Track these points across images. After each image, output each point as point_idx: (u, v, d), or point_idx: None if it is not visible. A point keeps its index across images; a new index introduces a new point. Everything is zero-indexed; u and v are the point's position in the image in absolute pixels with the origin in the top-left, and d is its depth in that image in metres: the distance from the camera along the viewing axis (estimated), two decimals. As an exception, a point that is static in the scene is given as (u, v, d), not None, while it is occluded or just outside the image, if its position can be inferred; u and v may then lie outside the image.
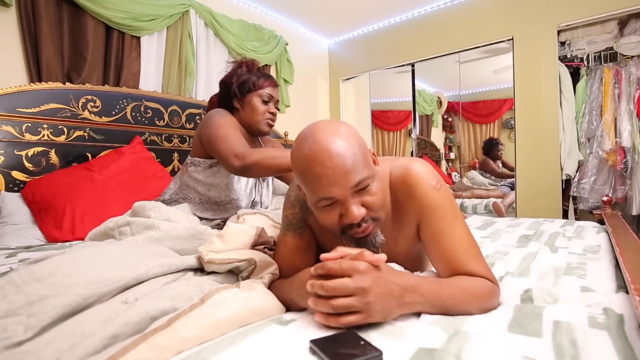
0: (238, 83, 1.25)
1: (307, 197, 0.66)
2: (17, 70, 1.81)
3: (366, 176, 0.62)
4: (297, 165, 0.63)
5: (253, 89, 1.25)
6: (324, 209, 0.63)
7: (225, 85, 1.28)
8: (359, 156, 0.61)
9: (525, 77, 2.70)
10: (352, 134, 0.63)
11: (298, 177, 0.64)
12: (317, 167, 0.59)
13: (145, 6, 2.17)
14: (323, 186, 0.60)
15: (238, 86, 1.25)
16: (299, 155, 0.62)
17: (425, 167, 0.72)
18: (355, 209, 0.61)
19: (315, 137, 0.61)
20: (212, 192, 1.24)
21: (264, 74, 1.31)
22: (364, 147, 0.64)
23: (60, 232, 1.49)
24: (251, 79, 1.25)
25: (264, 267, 0.76)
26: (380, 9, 3.14)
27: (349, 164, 0.59)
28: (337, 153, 0.59)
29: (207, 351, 0.49)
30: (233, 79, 1.26)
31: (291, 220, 0.78)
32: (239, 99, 1.27)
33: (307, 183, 0.62)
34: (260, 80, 1.27)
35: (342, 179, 0.59)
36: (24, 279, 0.54)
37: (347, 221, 0.62)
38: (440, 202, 0.69)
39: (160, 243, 0.81)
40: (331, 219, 0.64)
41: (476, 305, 0.62)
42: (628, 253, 0.91)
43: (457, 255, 0.66)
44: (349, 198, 0.61)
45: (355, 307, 0.53)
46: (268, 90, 1.27)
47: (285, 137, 3.12)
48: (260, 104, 1.26)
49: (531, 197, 2.69)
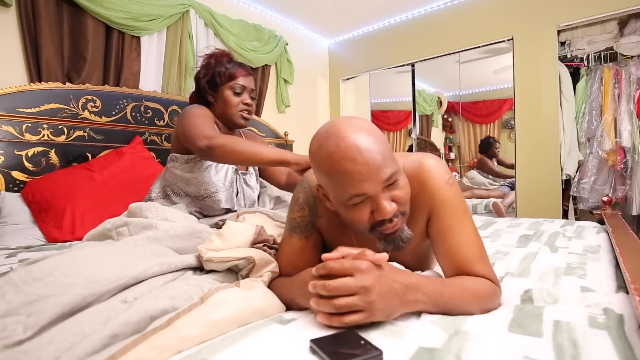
0: (208, 77, 1.23)
1: (333, 196, 0.64)
2: (17, 70, 1.81)
3: (395, 170, 0.61)
4: (322, 164, 0.61)
5: (224, 81, 1.23)
6: (354, 207, 0.62)
7: (198, 81, 1.27)
8: (387, 150, 0.61)
9: (525, 77, 2.70)
10: (374, 129, 0.63)
11: (323, 175, 0.62)
12: (347, 164, 0.58)
13: (145, 6, 2.17)
14: (356, 182, 0.58)
15: (209, 80, 1.24)
16: (323, 153, 0.60)
17: (438, 162, 0.72)
18: (387, 204, 0.60)
19: (339, 133, 0.59)
20: (190, 187, 1.23)
21: (236, 63, 1.27)
22: (387, 142, 0.63)
23: (60, 232, 1.48)
24: (221, 71, 1.23)
25: (263, 265, 0.76)
26: (380, 9, 3.14)
27: (379, 158, 0.59)
28: (367, 148, 0.58)
29: (207, 350, 0.49)
30: (203, 74, 1.24)
31: (299, 223, 0.77)
32: (211, 93, 1.25)
33: (335, 181, 0.60)
34: (230, 70, 1.24)
35: (374, 174, 0.58)
36: (23, 279, 0.54)
37: (379, 217, 0.61)
38: (453, 198, 0.69)
39: (159, 242, 0.81)
40: (361, 217, 0.62)
41: (477, 306, 0.62)
42: (628, 253, 0.91)
43: (462, 252, 0.66)
44: (380, 193, 0.60)
45: (357, 306, 0.52)
46: (240, 81, 1.24)
47: (286, 137, 3.12)
48: (232, 96, 1.24)
49: (531, 197, 2.69)
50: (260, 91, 3.02)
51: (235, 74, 1.24)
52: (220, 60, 1.25)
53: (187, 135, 1.11)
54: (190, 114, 1.16)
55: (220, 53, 1.27)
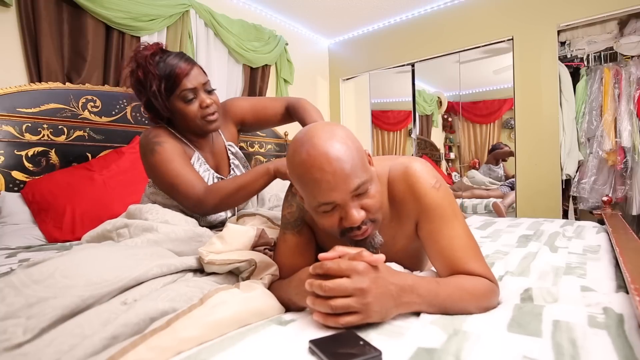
0: (147, 98, 0.99)
1: (306, 202, 0.66)
2: (17, 70, 1.81)
3: (365, 180, 0.62)
4: (294, 170, 0.63)
5: (167, 94, 0.98)
6: (323, 214, 0.63)
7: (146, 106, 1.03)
8: (357, 160, 0.61)
9: (525, 77, 2.70)
10: (348, 137, 0.63)
11: (296, 182, 0.64)
12: (316, 172, 0.59)
13: (145, 6, 2.17)
14: (323, 191, 0.60)
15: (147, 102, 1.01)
16: (296, 160, 0.61)
17: (424, 166, 0.72)
18: (355, 212, 0.61)
19: (312, 141, 0.60)
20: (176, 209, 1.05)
21: (169, 60, 0.98)
22: (361, 150, 0.64)
23: (60, 232, 1.49)
24: (157, 86, 0.96)
25: (264, 268, 0.76)
26: (380, 9, 3.14)
27: (348, 168, 0.59)
28: (336, 157, 0.59)
29: (206, 352, 0.49)
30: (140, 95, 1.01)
31: (289, 219, 0.78)
32: (164, 110, 1.01)
33: (306, 188, 0.62)
34: (167, 80, 0.97)
35: (342, 183, 0.59)
36: (23, 282, 0.54)
37: (347, 225, 0.63)
38: (440, 201, 0.69)
39: (159, 245, 0.80)
40: (331, 223, 0.64)
41: (475, 305, 0.62)
42: (628, 253, 0.91)
43: (455, 254, 0.67)
44: (349, 202, 0.61)
45: (353, 307, 0.53)
46: (186, 84, 0.98)
47: (285, 137, 3.12)
48: (186, 107, 1.00)
49: (531, 197, 2.69)
50: (260, 91, 3.02)
51: (176, 80, 0.97)
52: (147, 67, 0.96)
53: (172, 195, 0.99)
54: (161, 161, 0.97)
55: (142, 56, 0.97)
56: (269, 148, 2.98)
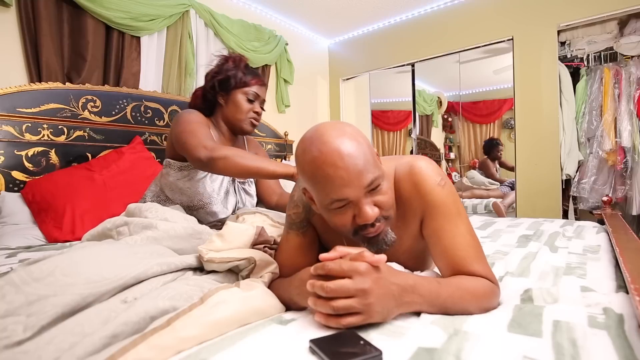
0: (222, 78, 1.19)
1: (317, 200, 0.64)
2: (17, 70, 1.81)
3: (377, 175, 0.61)
4: (305, 169, 0.62)
5: (238, 85, 1.20)
6: (336, 211, 0.62)
7: (209, 78, 1.23)
8: (369, 155, 0.61)
9: (525, 77, 2.70)
10: (358, 134, 0.63)
11: (306, 180, 0.63)
12: (328, 169, 0.58)
13: (145, 6, 2.17)
14: (336, 187, 0.59)
15: (222, 81, 1.20)
16: (307, 158, 0.61)
17: (429, 164, 0.72)
18: (369, 209, 0.61)
19: (322, 138, 0.60)
20: (183, 197, 1.18)
21: (251, 71, 1.24)
22: (371, 147, 0.64)
23: (60, 232, 1.49)
24: (237, 75, 1.19)
25: (264, 266, 0.76)
26: (380, 9, 3.14)
27: (360, 164, 0.59)
28: (348, 153, 0.58)
29: (206, 351, 0.49)
30: (218, 73, 1.20)
31: (294, 219, 0.78)
32: (223, 94, 1.21)
33: (318, 186, 0.61)
34: (246, 77, 1.21)
35: (355, 179, 0.59)
36: (23, 279, 0.54)
37: (361, 222, 0.62)
38: (444, 199, 0.69)
39: (159, 242, 0.81)
40: (344, 221, 0.63)
41: (475, 305, 0.62)
42: (628, 253, 0.91)
43: (458, 253, 0.66)
44: (362, 198, 0.61)
45: (355, 308, 0.53)
46: (254, 89, 1.22)
47: (286, 137, 3.12)
48: (244, 102, 1.21)
49: (531, 197, 2.69)
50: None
51: (251, 82, 1.21)
52: (238, 64, 1.22)
53: (184, 143, 1.06)
54: (186, 120, 1.11)
55: (238, 57, 1.24)
56: (269, 148, 2.98)
